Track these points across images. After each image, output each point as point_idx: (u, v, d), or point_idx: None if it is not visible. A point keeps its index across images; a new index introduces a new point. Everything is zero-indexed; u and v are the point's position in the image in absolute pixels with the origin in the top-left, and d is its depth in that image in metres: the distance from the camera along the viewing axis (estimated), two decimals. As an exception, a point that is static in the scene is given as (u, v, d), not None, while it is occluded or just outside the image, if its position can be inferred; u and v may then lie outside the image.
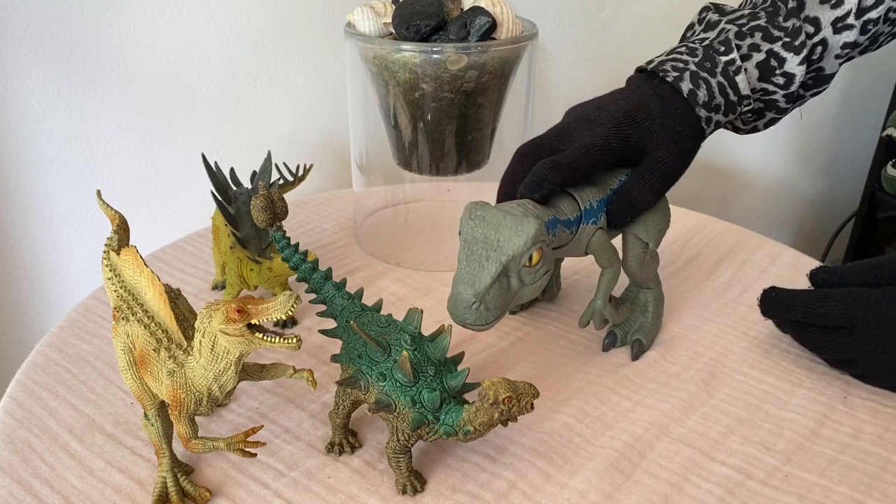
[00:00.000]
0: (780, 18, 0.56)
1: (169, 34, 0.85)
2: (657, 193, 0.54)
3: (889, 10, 0.55)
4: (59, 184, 0.87)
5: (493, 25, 0.62)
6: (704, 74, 0.55)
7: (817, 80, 0.58)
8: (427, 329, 0.52)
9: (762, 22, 0.56)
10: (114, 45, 0.83)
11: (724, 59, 0.55)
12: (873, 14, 0.55)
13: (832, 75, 0.58)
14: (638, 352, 0.59)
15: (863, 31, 0.56)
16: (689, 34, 0.61)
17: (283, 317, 0.39)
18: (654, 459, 0.49)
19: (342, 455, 0.49)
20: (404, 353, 0.43)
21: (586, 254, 0.54)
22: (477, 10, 0.62)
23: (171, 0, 0.84)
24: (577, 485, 0.47)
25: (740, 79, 0.55)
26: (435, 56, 0.61)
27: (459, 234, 0.47)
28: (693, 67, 0.55)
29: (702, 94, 0.54)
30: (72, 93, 0.84)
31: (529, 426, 0.51)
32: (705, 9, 0.59)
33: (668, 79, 0.54)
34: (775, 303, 0.58)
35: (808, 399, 0.55)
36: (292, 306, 0.39)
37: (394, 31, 0.64)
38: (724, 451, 0.50)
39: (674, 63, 0.55)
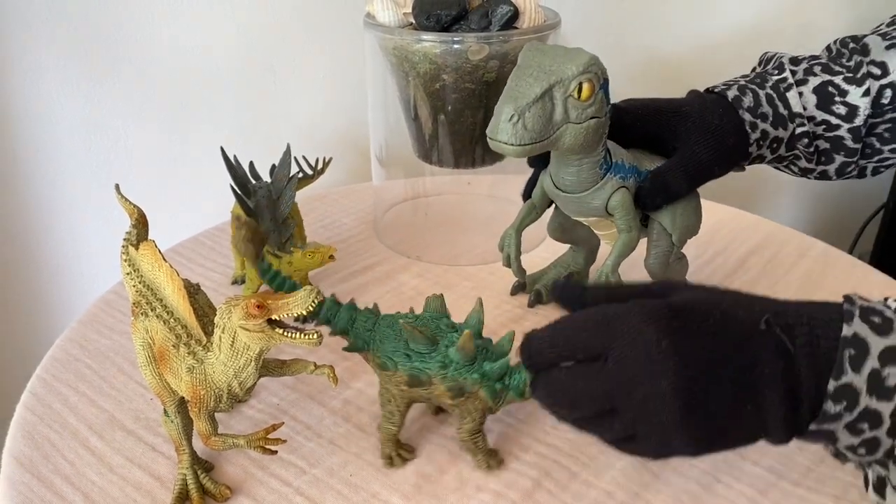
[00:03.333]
0: (843, 59, 0.55)
1: (188, 28, 0.84)
2: (691, 179, 0.53)
3: None
4: (79, 178, 0.87)
5: (514, 14, 0.61)
6: (753, 87, 0.54)
7: (894, 132, 0.55)
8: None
9: (823, 60, 0.56)
10: (133, 39, 0.83)
11: (774, 77, 0.55)
12: None
13: None
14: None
15: None
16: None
17: (304, 312, 0.38)
18: (684, 458, 0.47)
19: (394, 466, 0.47)
20: (466, 332, 0.43)
21: (606, 211, 0.52)
22: (498, 0, 0.61)
23: (189, -7, 0.83)
24: (604, 484, 0.46)
25: (791, 94, 0.54)
26: (456, 46, 0.60)
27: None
28: (742, 82, 0.55)
29: (747, 100, 0.53)
30: (90, 87, 0.84)
31: (555, 425, 0.50)
32: (771, 53, 0.58)
33: (717, 90, 0.55)
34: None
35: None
36: (313, 301, 0.38)
37: (414, 22, 0.63)
38: (755, 451, 0.48)
39: (726, 81, 0.56)
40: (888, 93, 0.54)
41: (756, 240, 0.75)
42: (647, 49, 1.11)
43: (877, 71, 0.54)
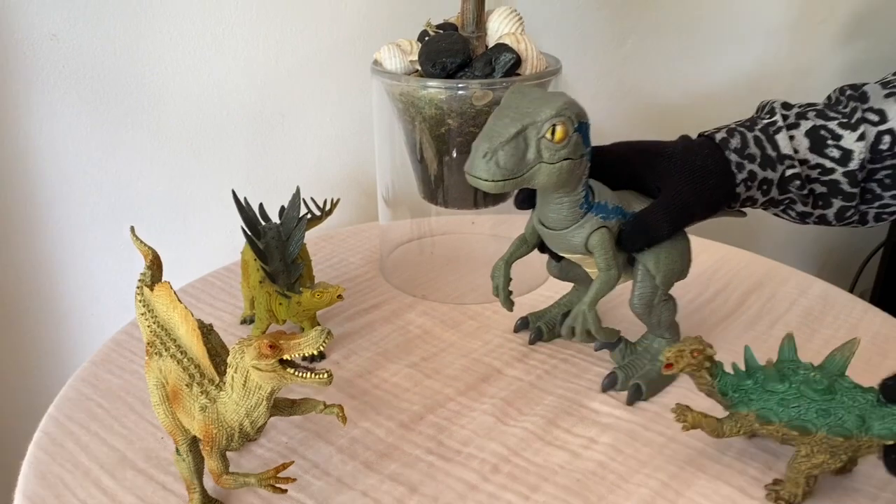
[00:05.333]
0: (840, 106, 0.56)
1: (199, 73, 0.87)
2: (672, 222, 0.53)
3: None
4: (91, 220, 0.89)
5: (517, 62, 0.63)
6: (742, 129, 0.55)
7: (895, 178, 0.55)
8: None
9: (818, 106, 0.56)
10: (145, 84, 0.85)
11: (765, 121, 0.56)
12: None
13: None
14: (633, 397, 0.57)
15: None
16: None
17: (315, 352, 0.39)
18: (692, 498, 0.48)
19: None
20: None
21: (586, 249, 0.53)
22: (501, 47, 0.63)
23: (200, 40, 0.86)
24: (609, 522, 0.46)
25: (780, 137, 0.55)
26: (461, 92, 0.62)
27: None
28: (733, 126, 0.56)
29: (735, 142, 0.54)
30: (104, 131, 0.86)
31: (562, 464, 0.51)
32: (766, 101, 0.59)
33: (706, 133, 0.56)
34: None
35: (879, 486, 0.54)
36: (324, 341, 0.39)
37: (420, 69, 0.65)
38: (762, 490, 0.49)
39: (717, 127, 0.57)
40: (887, 139, 0.54)
41: (756, 278, 0.76)
42: (646, 94, 1.13)
43: (874, 118, 0.54)
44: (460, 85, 0.62)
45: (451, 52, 0.63)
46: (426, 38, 0.66)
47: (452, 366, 0.62)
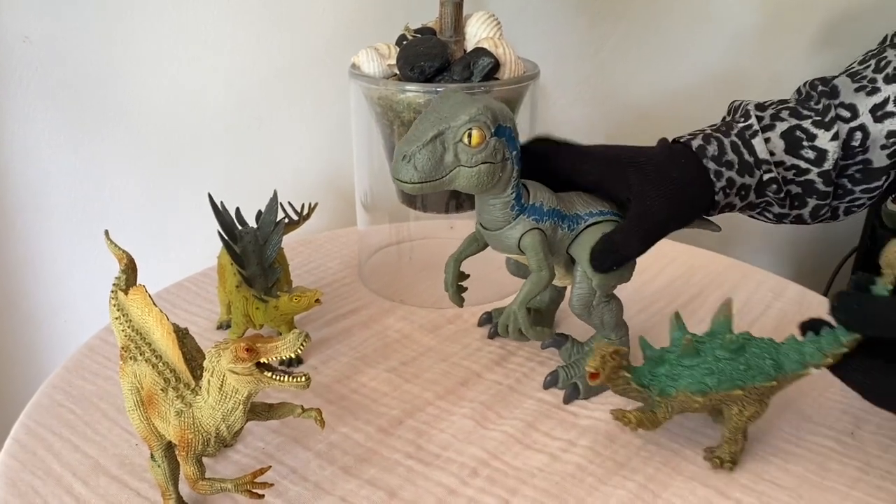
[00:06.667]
0: (812, 102, 0.56)
1: (175, 77, 0.86)
2: (644, 240, 0.53)
3: None
4: (64, 226, 0.88)
5: (495, 66, 0.63)
6: (718, 135, 0.55)
7: (866, 173, 0.55)
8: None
9: (791, 105, 0.56)
10: (120, 88, 0.85)
11: (740, 125, 0.55)
12: None
13: (883, 170, 0.55)
14: (570, 396, 0.57)
15: None
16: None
17: (293, 355, 0.39)
18: (669, 499, 0.48)
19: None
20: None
21: (520, 249, 0.53)
22: (480, 52, 0.63)
23: (177, 44, 0.85)
24: (588, 524, 0.46)
25: (757, 141, 0.54)
26: (439, 96, 0.62)
27: None
28: (708, 131, 0.56)
29: (712, 149, 0.54)
30: (78, 135, 0.85)
31: (541, 467, 0.51)
32: (739, 101, 0.59)
33: (682, 140, 0.55)
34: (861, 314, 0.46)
35: (816, 433, 0.55)
36: (301, 344, 0.39)
37: (398, 73, 0.65)
38: (737, 489, 0.49)
39: (692, 132, 0.56)
40: (858, 135, 0.54)
41: (731, 283, 0.77)
42: (624, 100, 1.14)
43: (846, 114, 0.55)
44: (439, 89, 0.62)
45: (429, 56, 0.63)
46: (404, 42, 0.66)
47: (431, 370, 0.62)
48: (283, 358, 0.39)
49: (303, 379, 0.40)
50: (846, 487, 0.50)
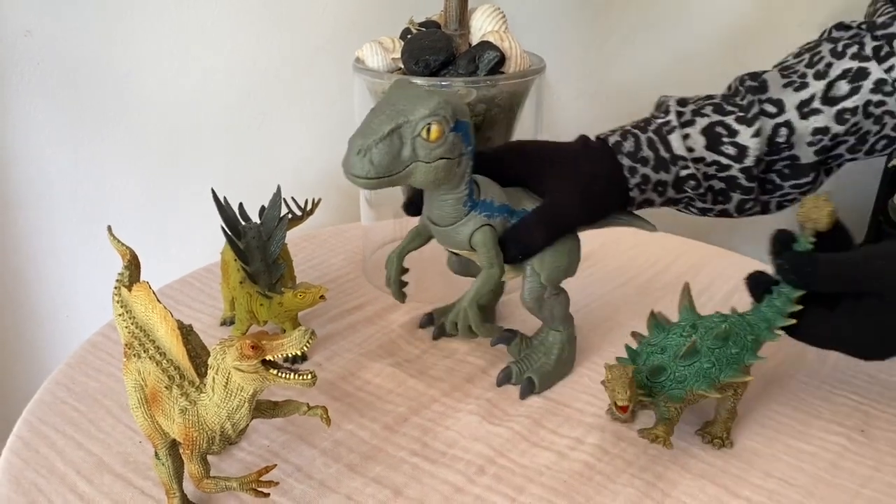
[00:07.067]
0: (738, 98, 0.55)
1: (178, 72, 0.86)
2: (547, 232, 0.53)
3: (868, 103, 0.53)
4: (66, 223, 0.87)
5: (501, 60, 0.63)
6: (636, 131, 0.55)
7: (794, 168, 0.55)
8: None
9: (716, 100, 0.56)
10: (122, 83, 0.84)
11: (658, 120, 0.56)
12: (848, 104, 0.53)
13: (811, 166, 0.55)
14: (526, 391, 0.57)
15: (839, 120, 0.53)
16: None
17: (299, 352, 0.38)
18: (679, 497, 0.48)
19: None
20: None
21: (471, 246, 0.53)
22: (485, 45, 0.63)
23: (179, 38, 0.84)
24: (596, 523, 0.46)
25: (673, 137, 0.54)
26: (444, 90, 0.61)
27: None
28: (628, 127, 0.56)
29: (628, 145, 0.55)
30: (80, 130, 0.84)
31: (548, 465, 0.50)
32: (664, 97, 0.59)
33: (602, 136, 0.56)
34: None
35: (826, 430, 0.54)
36: (308, 341, 0.38)
37: (402, 67, 0.64)
38: (747, 488, 0.49)
39: (612, 129, 0.57)
40: (783, 131, 0.54)
41: (739, 277, 0.76)
42: (628, 95, 1.14)
43: (772, 109, 0.54)
44: (444, 83, 0.61)
45: (434, 50, 0.62)
46: (409, 36, 0.65)
47: (436, 367, 0.61)
48: (289, 355, 0.38)
49: (308, 376, 0.39)
50: (857, 486, 0.49)
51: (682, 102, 0.57)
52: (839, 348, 0.49)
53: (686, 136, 0.55)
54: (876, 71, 0.53)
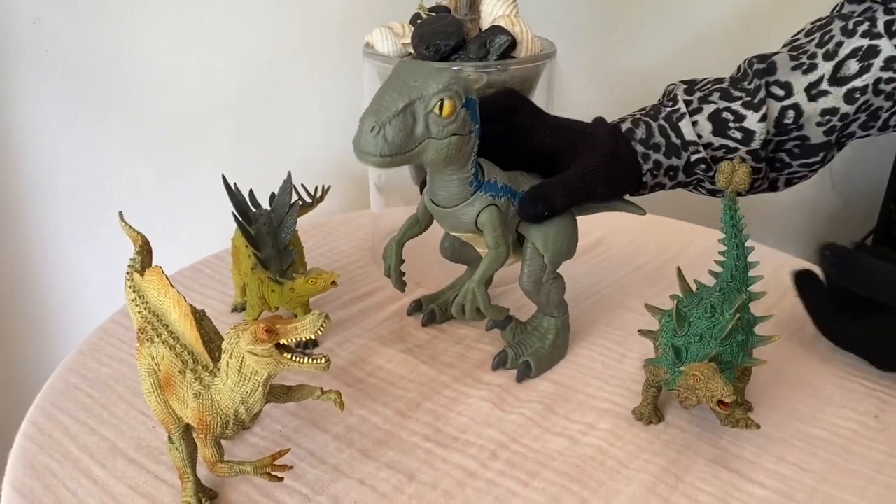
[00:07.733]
0: (745, 83, 0.56)
1: (186, 58, 0.85)
2: (569, 194, 0.53)
3: (878, 80, 0.53)
4: (76, 209, 0.87)
5: (512, 44, 0.62)
6: (646, 119, 0.56)
7: (803, 148, 0.57)
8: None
9: (724, 85, 0.57)
10: (131, 70, 0.84)
11: (668, 108, 0.57)
12: (857, 83, 0.53)
13: (821, 146, 0.56)
14: (522, 374, 0.57)
15: (848, 99, 0.54)
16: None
17: (313, 336, 0.38)
18: (692, 482, 0.48)
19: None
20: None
21: (476, 227, 0.52)
22: (496, 29, 0.62)
23: (188, 24, 0.84)
24: (610, 508, 0.46)
25: (683, 124, 0.55)
26: (455, 75, 0.61)
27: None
28: (638, 115, 0.57)
29: (640, 132, 0.56)
30: (88, 117, 0.84)
31: (561, 450, 0.50)
32: (672, 85, 0.60)
33: (613, 123, 0.57)
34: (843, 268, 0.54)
35: (839, 416, 0.54)
36: (322, 325, 0.38)
37: (413, 52, 0.64)
38: (761, 473, 0.48)
39: (622, 117, 0.58)
40: (791, 113, 0.55)
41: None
42: (638, 81, 1.13)
43: (780, 92, 0.55)
44: (454, 68, 0.61)
45: (444, 35, 0.62)
46: (419, 21, 0.64)
47: (447, 352, 0.61)
48: (303, 339, 0.38)
49: (322, 360, 0.39)
50: (871, 471, 0.49)
51: (690, 90, 0.57)
52: (862, 355, 0.52)
53: (695, 123, 0.56)
54: (887, 48, 0.53)
